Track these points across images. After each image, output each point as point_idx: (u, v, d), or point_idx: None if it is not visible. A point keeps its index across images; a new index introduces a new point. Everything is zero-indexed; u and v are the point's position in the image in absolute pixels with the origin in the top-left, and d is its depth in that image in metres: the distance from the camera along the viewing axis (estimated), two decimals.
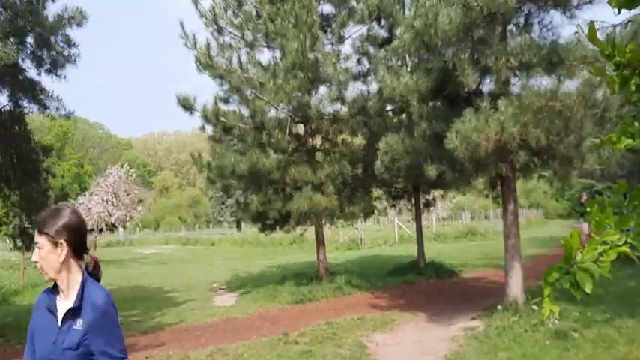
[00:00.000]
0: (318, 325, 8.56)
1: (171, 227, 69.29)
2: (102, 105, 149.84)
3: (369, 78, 13.73)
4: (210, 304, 12.01)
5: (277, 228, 13.24)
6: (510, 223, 8.47)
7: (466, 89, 7.41)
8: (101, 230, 29.07)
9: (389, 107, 13.45)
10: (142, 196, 76.05)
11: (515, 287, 8.31)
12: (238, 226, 67.68)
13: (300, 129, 13.37)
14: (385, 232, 36.67)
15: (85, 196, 28.78)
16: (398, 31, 9.46)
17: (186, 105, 12.14)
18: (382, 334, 7.92)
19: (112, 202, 27.76)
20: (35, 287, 15.36)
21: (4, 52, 6.50)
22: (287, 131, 12.13)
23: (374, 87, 13.34)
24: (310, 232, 16.88)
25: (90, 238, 27.12)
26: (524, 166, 7.70)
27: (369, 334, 7.86)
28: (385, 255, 22.41)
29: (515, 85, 7.85)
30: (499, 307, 8.14)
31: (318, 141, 13.80)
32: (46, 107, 8.83)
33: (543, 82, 7.34)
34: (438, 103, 8.27)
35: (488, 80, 8.27)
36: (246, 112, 12.54)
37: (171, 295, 13.81)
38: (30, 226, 9.01)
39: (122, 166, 29.15)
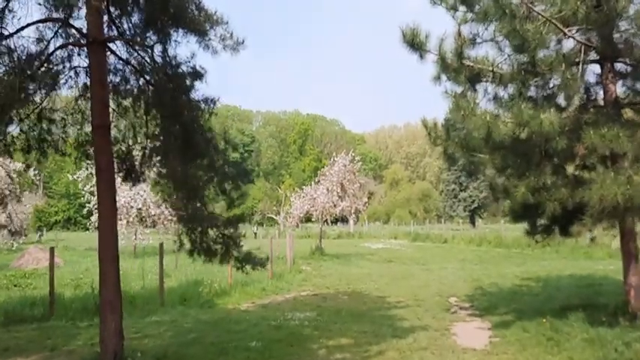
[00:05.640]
0: None
1: (400, 221, 67.34)
2: (338, 102, 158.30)
3: None
4: (449, 340, 7.95)
5: (555, 229, 8.47)
6: None
7: None
8: (326, 221, 27.31)
9: None
10: (373, 189, 76.01)
11: None
12: (472, 222, 62.08)
13: (595, 70, 8.34)
14: None
15: (310, 185, 27.41)
16: None
17: (415, 43, 8.24)
18: None
19: (337, 192, 25.72)
20: (244, 286, 13.44)
21: None
22: (580, 71, 7.30)
23: None
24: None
25: (315, 228, 25.48)
26: None
27: None
28: None
29: None
30: None
31: (621, 89, 8.56)
32: (205, 35, 5.96)
33: None
34: None
35: None
36: (506, 48, 8.11)
37: (395, 314, 10.19)
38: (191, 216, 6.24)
39: (348, 153, 26.89)
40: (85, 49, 5.94)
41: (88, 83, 6.25)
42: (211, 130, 6.42)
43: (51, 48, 6.04)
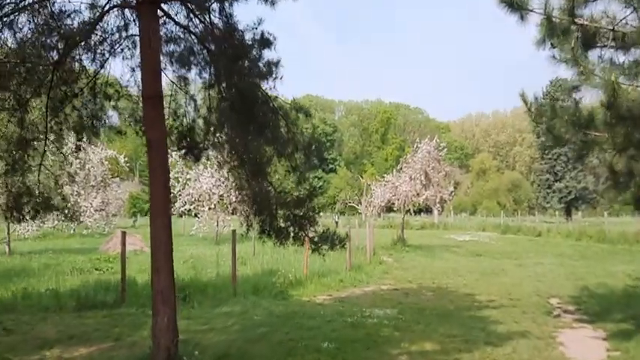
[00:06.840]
0: None
1: (488, 212, 64.13)
2: (422, 90, 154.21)
3: None
4: (556, 351, 6.69)
5: None
6: None
7: None
8: (408, 211, 26.01)
9: None
10: (459, 179, 72.94)
11: None
12: (568, 214, 57.57)
13: None
14: None
15: (392, 174, 26.21)
16: None
17: (515, 1, 6.97)
18: None
19: (421, 180, 24.33)
20: (321, 277, 12.73)
21: None
22: None
23: None
24: None
25: (397, 218, 24.38)
26: None
27: None
28: None
29: None
30: None
31: None
32: None
33: None
34: None
35: None
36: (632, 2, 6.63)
37: (487, 315, 8.99)
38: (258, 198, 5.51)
39: (432, 139, 25.35)
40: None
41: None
42: (277, 99, 5.64)
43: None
